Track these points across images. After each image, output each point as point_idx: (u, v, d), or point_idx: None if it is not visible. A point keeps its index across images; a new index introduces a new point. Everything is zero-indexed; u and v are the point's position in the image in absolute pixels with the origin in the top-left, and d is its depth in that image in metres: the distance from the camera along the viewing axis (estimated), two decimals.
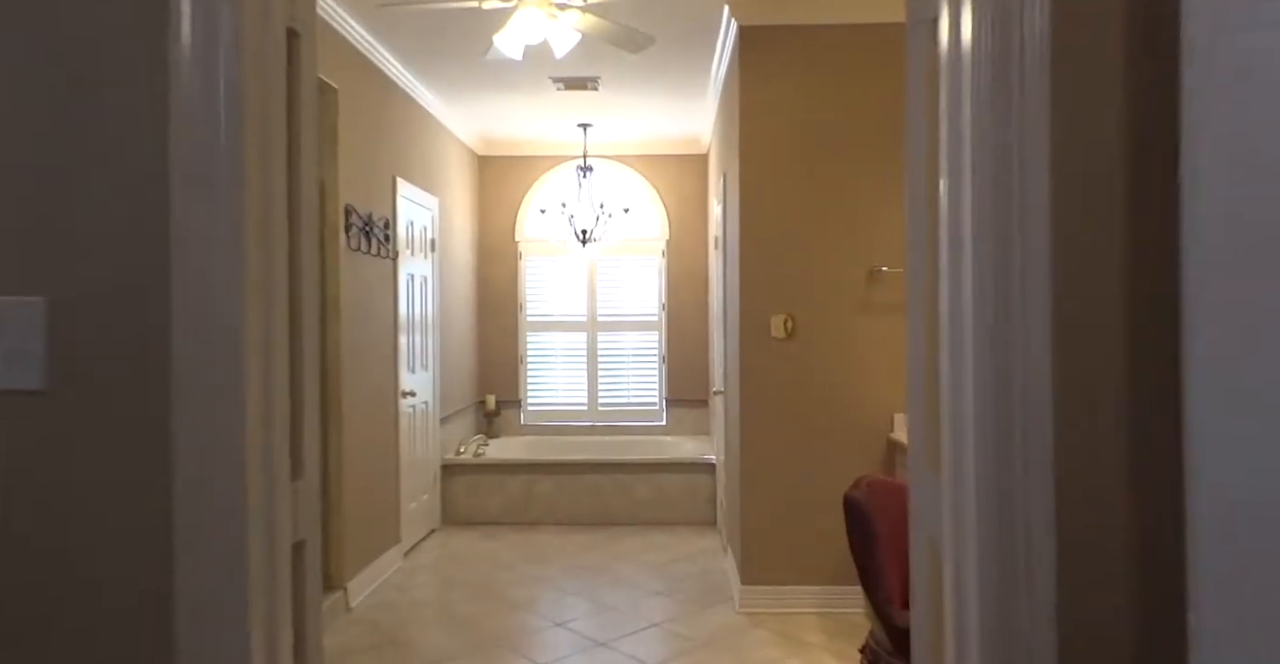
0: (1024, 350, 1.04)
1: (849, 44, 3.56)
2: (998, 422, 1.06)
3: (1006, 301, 1.05)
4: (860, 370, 3.58)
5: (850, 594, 3.46)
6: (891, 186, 3.57)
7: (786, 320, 3.59)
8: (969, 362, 1.09)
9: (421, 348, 4.86)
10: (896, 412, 3.57)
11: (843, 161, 3.58)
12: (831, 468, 3.55)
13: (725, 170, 4.36)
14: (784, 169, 3.59)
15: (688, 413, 6.28)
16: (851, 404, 3.58)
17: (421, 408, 4.86)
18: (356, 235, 3.85)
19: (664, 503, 5.22)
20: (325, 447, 3.64)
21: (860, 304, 3.59)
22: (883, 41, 3.57)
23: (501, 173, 6.34)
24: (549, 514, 5.23)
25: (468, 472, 5.28)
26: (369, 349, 4.03)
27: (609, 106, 5.19)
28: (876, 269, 3.57)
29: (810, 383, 3.58)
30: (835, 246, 3.58)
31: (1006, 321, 1.05)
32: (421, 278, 4.87)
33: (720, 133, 4.81)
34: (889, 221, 3.58)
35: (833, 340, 3.58)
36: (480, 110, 5.26)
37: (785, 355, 3.59)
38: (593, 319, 6.30)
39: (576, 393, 6.32)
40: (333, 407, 3.65)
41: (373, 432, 4.07)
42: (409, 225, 4.64)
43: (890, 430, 3.57)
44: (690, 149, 6.23)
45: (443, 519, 5.22)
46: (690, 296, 6.29)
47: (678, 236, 6.32)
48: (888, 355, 3.57)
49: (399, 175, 4.45)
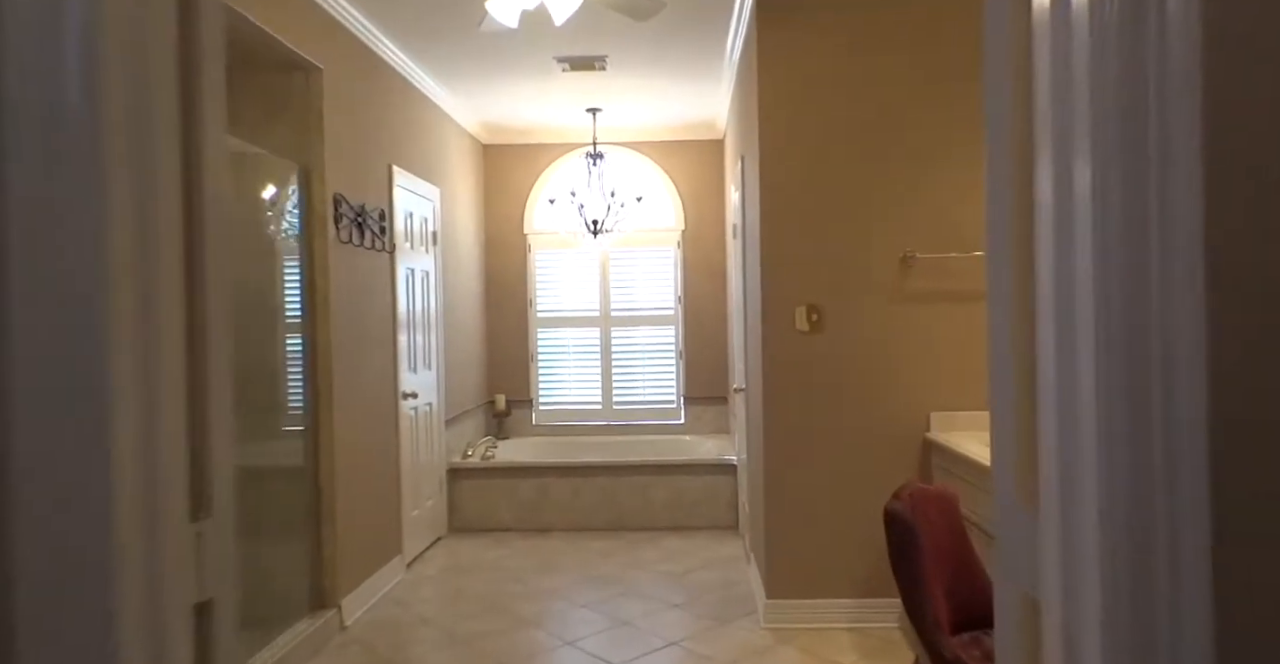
0: (1163, 348, 0.75)
1: (878, 12, 3.26)
2: (1131, 442, 0.77)
3: (1141, 291, 0.75)
4: (893, 365, 3.28)
5: (886, 608, 3.18)
6: (926, 165, 3.27)
7: (811, 312, 3.30)
8: (1087, 364, 0.80)
9: (424, 346, 4.62)
10: (934, 410, 3.27)
11: (871, 141, 3.28)
12: (863, 471, 3.26)
13: (743, 154, 4.07)
14: (807, 150, 3.29)
15: (707, 410, 6.00)
16: (884, 402, 3.28)
17: (425, 409, 4.61)
18: (347, 227, 3.60)
19: (683, 507, 4.95)
20: (316, 452, 3.40)
21: (892, 293, 3.29)
22: (913, 8, 3.26)
23: (507, 162, 6.08)
24: (561, 519, 4.98)
25: (475, 476, 5.03)
26: (364, 348, 3.79)
27: (618, 89, 4.91)
28: (909, 255, 3.27)
29: (838, 379, 3.29)
30: (863, 232, 3.29)
31: (1142, 313, 0.75)
32: (423, 272, 4.62)
33: (738, 114, 4.52)
34: (923, 204, 3.28)
35: (862, 333, 3.29)
36: (483, 95, 5.00)
37: (810, 349, 3.30)
38: (606, 314, 6.03)
39: (590, 391, 6.06)
40: (323, 409, 3.41)
41: (369, 436, 3.83)
42: (407, 217, 4.39)
43: (926, 430, 3.27)
44: (706, 134, 5.93)
45: (450, 526, 4.99)
46: (708, 289, 6.00)
47: (694, 226, 6.03)
48: (923, 348, 3.27)
49: (395, 164, 4.20)
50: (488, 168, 6.08)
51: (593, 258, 6.02)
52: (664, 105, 5.29)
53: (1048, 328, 0.86)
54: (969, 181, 3.22)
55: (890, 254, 3.29)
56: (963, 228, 3.24)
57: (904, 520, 1.92)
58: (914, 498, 2.03)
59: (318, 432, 3.41)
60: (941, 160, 3.26)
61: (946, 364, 3.27)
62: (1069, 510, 0.83)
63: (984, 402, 3.25)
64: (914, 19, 3.25)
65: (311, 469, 3.40)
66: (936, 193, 3.27)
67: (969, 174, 3.21)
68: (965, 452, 2.81)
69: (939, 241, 3.26)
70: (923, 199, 3.27)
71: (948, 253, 3.25)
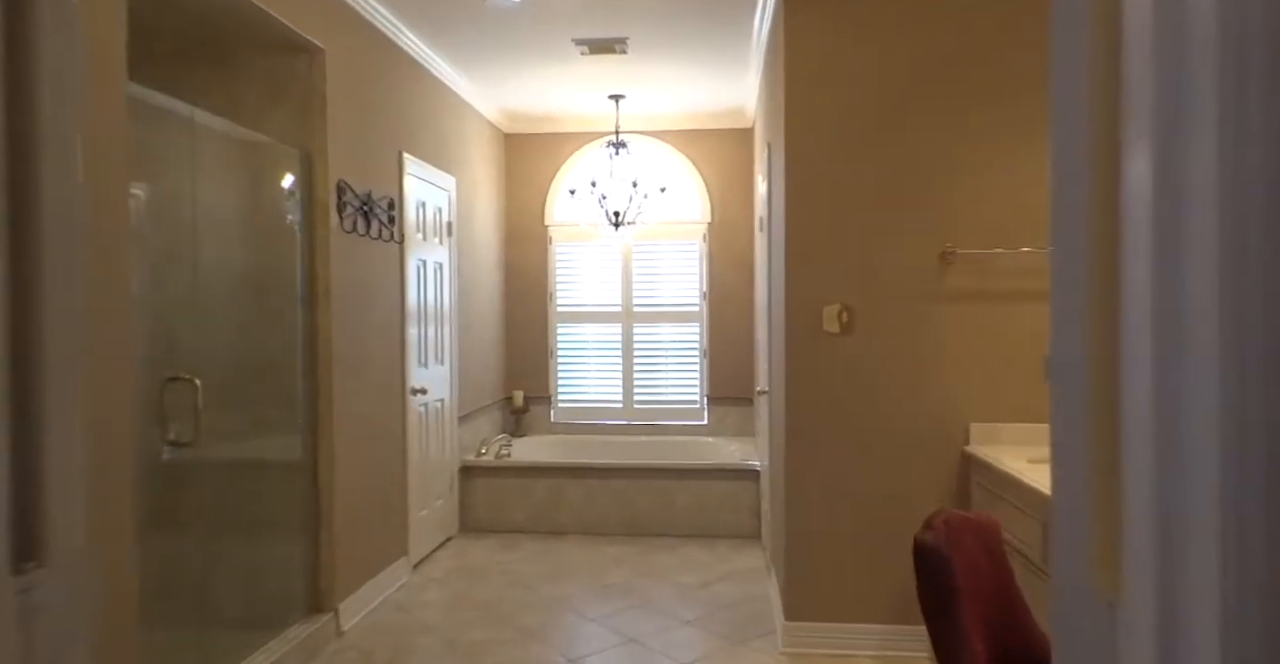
0: None
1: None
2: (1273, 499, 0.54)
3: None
4: (929, 370, 3.02)
5: (916, 637, 2.92)
6: (969, 153, 3.00)
7: (841, 312, 3.05)
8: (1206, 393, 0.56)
9: (436, 341, 4.45)
10: (974, 420, 3.01)
11: (907, 126, 3.01)
12: (895, 486, 3.01)
13: (770, 141, 3.83)
14: (837, 137, 3.04)
15: (731, 411, 5.76)
16: (919, 411, 3.03)
17: (436, 405, 4.45)
18: (352, 216, 3.44)
19: (703, 513, 4.73)
20: (315, 448, 3.25)
21: (929, 292, 3.03)
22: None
23: (529, 151, 5.89)
24: (576, 522, 4.79)
25: (488, 475, 4.86)
26: (369, 342, 3.62)
27: (641, 75, 4.69)
28: (949, 251, 3.00)
29: (869, 385, 3.04)
30: (899, 226, 3.03)
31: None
32: (435, 264, 4.45)
33: (765, 100, 4.27)
34: (964, 194, 3.01)
35: (896, 335, 3.03)
36: (501, 81, 4.81)
37: (840, 352, 3.05)
38: (628, 309, 5.82)
39: (611, 389, 5.86)
40: (322, 404, 3.25)
41: (373, 433, 3.67)
42: (419, 207, 4.22)
43: (965, 443, 3.01)
44: (733, 122, 5.68)
45: (461, 526, 4.83)
46: (735, 284, 5.76)
47: (721, 219, 5.78)
48: (963, 353, 3.01)
49: (406, 151, 4.02)
50: (509, 157, 5.90)
51: (615, 251, 5.81)
52: (689, 92, 5.05)
53: (1141, 344, 0.63)
54: (1019, 169, 2.94)
55: (927, 249, 3.02)
56: (1008, 221, 2.96)
57: (936, 554, 1.68)
58: (949, 527, 1.78)
59: (316, 426, 3.26)
60: (987, 146, 2.98)
61: (988, 371, 3.00)
62: (1172, 599, 0.60)
63: (1028, 413, 2.99)
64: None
65: (310, 466, 3.25)
66: (979, 183, 3.00)
67: (1019, 161, 2.94)
68: (1008, 469, 2.55)
69: (982, 236, 3.00)
70: (964, 190, 3.01)
71: (992, 248, 2.98)
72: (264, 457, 3.08)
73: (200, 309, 2.67)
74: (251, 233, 3.02)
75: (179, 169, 2.62)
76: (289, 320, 3.19)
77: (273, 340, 3.13)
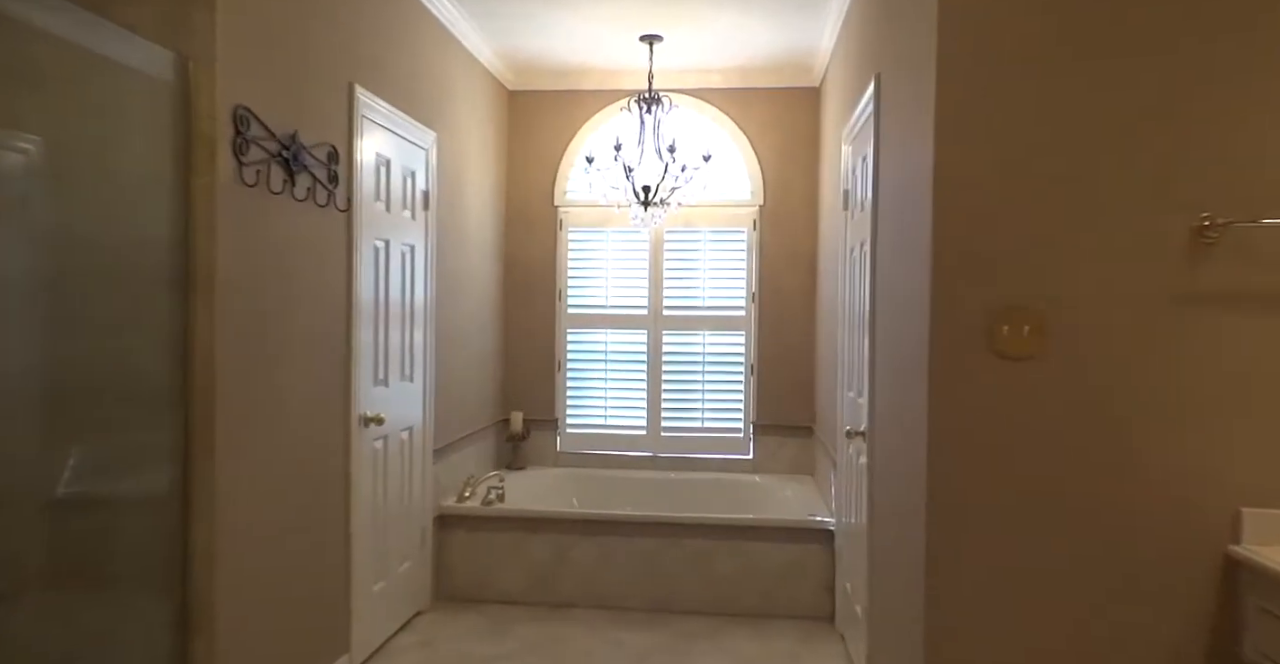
0: None
1: None
2: None
3: None
4: (1169, 417, 1.84)
5: None
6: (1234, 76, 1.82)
7: (1023, 324, 1.88)
8: None
9: (402, 350, 3.31)
10: (1246, 504, 1.82)
11: (1129, 49, 1.84)
12: (1102, 607, 1.83)
13: (880, 71, 2.67)
14: (1017, 72, 1.87)
15: (784, 443, 4.58)
16: (1150, 482, 1.84)
17: (400, 438, 3.30)
18: (262, 164, 2.30)
19: (755, 583, 3.55)
20: (187, 512, 2.10)
21: (1170, 290, 1.85)
22: None
23: (539, 113, 4.74)
24: (586, 593, 3.63)
25: (472, 526, 3.71)
26: (289, 348, 2.48)
27: (681, 14, 3.55)
28: (1208, 221, 1.83)
29: (1065, 437, 1.86)
30: (1118, 189, 1.85)
31: None
32: (404, 247, 3.31)
33: (858, 38, 3.11)
34: (1230, 140, 1.83)
35: (1113, 358, 1.86)
36: (508, 17, 3.68)
37: (1019, 384, 1.88)
38: (656, 312, 4.65)
39: (633, 412, 4.69)
40: (198, 448, 2.11)
41: (295, 479, 2.53)
42: (381, 166, 3.08)
43: (1232, 539, 1.82)
44: (795, 78, 4.51)
45: (435, 594, 3.67)
46: (792, 284, 4.58)
47: (776, 202, 4.61)
48: (1228, 389, 1.83)
49: (361, 85, 2.89)
50: (513, 120, 4.75)
51: (642, 238, 4.65)
52: (742, 35, 3.89)
53: None
54: None
55: (1170, 222, 1.85)
56: None
57: None
58: None
59: (189, 475, 2.11)
60: (1263, 68, 1.81)
61: (1273, 422, 1.82)
62: None
63: None
64: None
65: (177, 554, 2.10)
66: (1253, 123, 1.82)
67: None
68: None
69: (1256, 202, 1.82)
70: (1228, 132, 1.83)
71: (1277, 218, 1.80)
72: (103, 516, 1.93)
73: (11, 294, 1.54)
74: (91, 183, 1.89)
75: None
76: (153, 314, 2.05)
77: (122, 342, 1.99)
